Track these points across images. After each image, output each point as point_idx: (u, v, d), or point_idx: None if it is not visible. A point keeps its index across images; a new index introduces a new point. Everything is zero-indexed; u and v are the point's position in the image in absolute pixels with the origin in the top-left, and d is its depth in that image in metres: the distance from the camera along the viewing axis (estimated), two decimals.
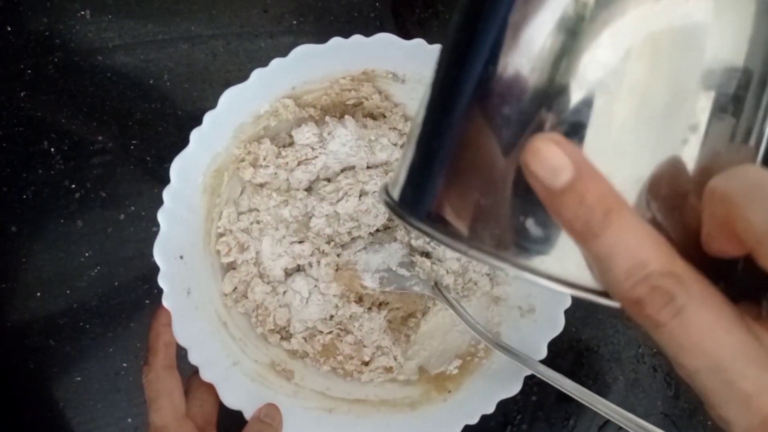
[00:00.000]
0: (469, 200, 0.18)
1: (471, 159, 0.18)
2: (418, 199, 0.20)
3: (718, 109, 0.16)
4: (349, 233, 0.40)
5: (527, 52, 0.16)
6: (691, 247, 0.16)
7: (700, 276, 0.15)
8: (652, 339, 0.15)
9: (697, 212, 0.16)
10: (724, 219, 0.15)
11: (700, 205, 0.16)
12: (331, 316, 0.40)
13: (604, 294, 0.16)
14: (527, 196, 0.16)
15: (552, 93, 0.16)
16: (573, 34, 0.16)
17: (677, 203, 0.16)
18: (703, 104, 0.16)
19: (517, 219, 0.17)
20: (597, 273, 0.16)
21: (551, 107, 0.16)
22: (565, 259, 0.17)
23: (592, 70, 0.16)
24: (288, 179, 0.40)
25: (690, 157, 0.16)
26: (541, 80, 0.16)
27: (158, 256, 0.32)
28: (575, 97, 0.16)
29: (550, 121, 0.16)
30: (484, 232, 0.17)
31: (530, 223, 0.17)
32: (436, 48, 0.23)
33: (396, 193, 0.21)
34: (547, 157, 0.15)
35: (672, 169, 0.16)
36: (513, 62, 0.17)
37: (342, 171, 0.41)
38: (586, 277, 0.17)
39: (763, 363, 0.14)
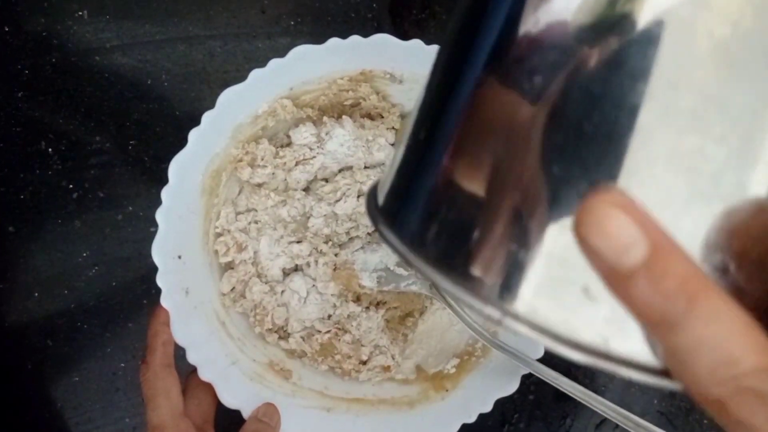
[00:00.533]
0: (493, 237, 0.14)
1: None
2: (404, 214, 0.16)
3: None
4: (347, 233, 0.41)
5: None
6: None
7: None
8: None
9: None
10: None
11: None
12: (329, 316, 0.40)
13: (662, 373, 0.13)
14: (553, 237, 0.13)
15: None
16: None
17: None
18: None
19: (542, 266, 0.13)
20: (668, 363, 0.13)
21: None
22: (613, 328, 0.13)
23: None
24: (286, 179, 0.40)
25: None
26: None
27: (156, 256, 0.32)
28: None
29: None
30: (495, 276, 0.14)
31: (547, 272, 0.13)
32: (434, 48, 0.23)
33: (381, 197, 0.17)
34: (613, 229, 0.12)
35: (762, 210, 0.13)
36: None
37: (340, 171, 0.41)
38: (639, 353, 0.13)
39: None
